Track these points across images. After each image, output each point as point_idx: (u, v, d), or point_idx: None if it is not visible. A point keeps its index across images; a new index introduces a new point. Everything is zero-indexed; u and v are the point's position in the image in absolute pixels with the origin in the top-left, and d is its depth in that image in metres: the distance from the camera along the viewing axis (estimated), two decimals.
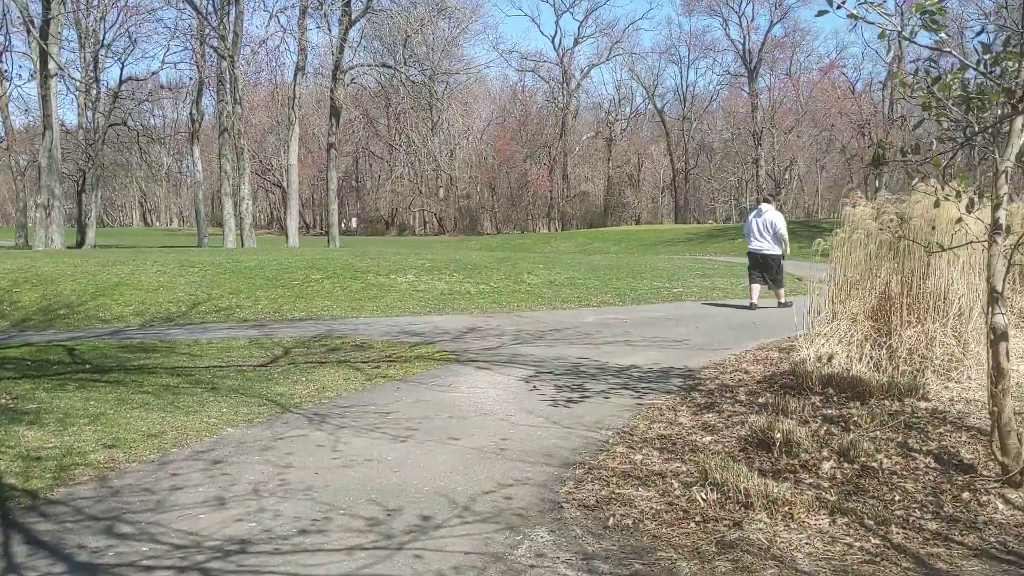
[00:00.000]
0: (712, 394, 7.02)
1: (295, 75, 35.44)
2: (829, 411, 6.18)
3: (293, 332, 11.20)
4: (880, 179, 64.15)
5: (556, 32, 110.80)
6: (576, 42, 68.92)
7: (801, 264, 15.48)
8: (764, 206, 13.76)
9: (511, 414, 6.50)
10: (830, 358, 7.53)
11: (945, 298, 7.42)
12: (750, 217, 14.01)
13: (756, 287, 13.62)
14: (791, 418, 5.81)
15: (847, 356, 7.53)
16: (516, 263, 18.49)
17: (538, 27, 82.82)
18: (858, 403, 6.38)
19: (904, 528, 3.98)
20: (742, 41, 67.04)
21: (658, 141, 73.76)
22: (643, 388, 7.39)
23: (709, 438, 5.59)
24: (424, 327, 11.62)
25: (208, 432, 6.06)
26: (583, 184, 71.46)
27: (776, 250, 13.40)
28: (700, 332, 10.86)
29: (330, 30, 34.83)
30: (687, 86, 77.98)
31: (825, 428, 5.59)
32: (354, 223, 74.15)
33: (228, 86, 32.82)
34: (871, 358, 7.47)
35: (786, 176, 67.83)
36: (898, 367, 7.28)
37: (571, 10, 73.46)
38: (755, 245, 13.52)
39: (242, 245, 32.22)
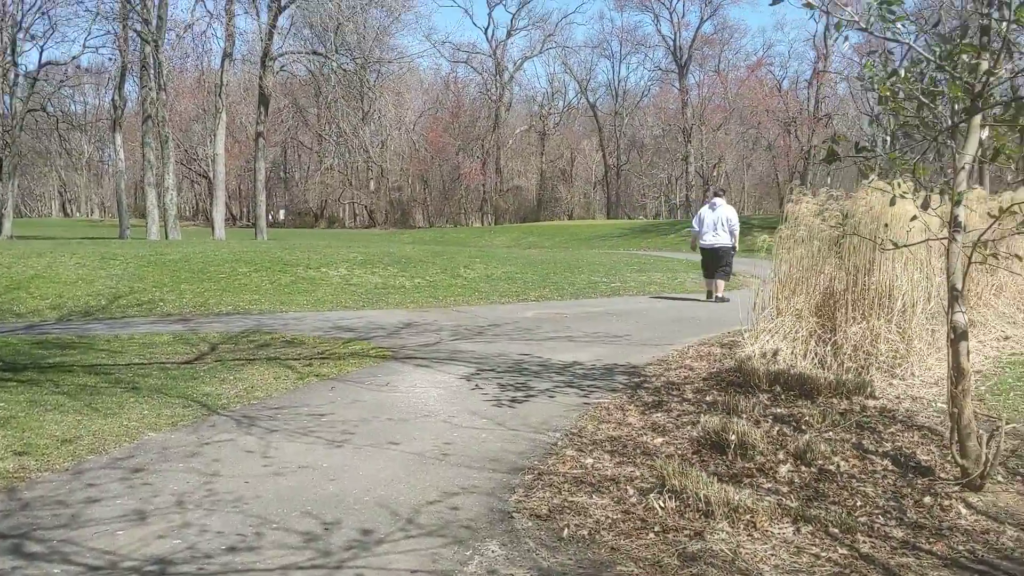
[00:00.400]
0: (659, 392, 6.84)
1: (222, 62, 34.40)
2: (779, 410, 6.04)
3: (220, 327, 10.73)
4: (806, 176, 65.60)
5: (489, 24, 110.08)
6: (509, 34, 68.67)
7: (739, 260, 15.50)
8: (718, 200, 13.58)
9: (454, 415, 6.21)
10: (775, 354, 7.43)
11: (890, 295, 7.37)
12: (702, 212, 13.78)
13: (712, 281, 13.57)
14: (742, 418, 5.65)
15: (792, 352, 7.44)
16: (452, 257, 18.18)
17: (471, 18, 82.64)
18: (807, 401, 6.26)
19: (870, 536, 3.82)
20: (673, 37, 67.60)
21: (590, 136, 73.96)
22: (588, 386, 7.18)
23: (660, 439, 5.39)
24: (358, 322, 11.25)
25: (128, 437, 5.64)
26: (516, 178, 71.27)
27: (730, 243, 13.30)
28: (641, 327, 10.72)
29: (259, 16, 33.87)
30: (619, 81, 78.48)
31: (777, 429, 5.45)
32: (282, 215, 72.72)
33: (152, 71, 31.68)
34: (816, 354, 7.39)
35: (714, 173, 68.68)
36: (843, 364, 7.21)
37: (504, 2, 73.30)
38: (711, 240, 13.36)
39: (166, 237, 31.19)
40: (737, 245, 13.53)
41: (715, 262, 13.43)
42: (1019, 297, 10.53)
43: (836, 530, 3.85)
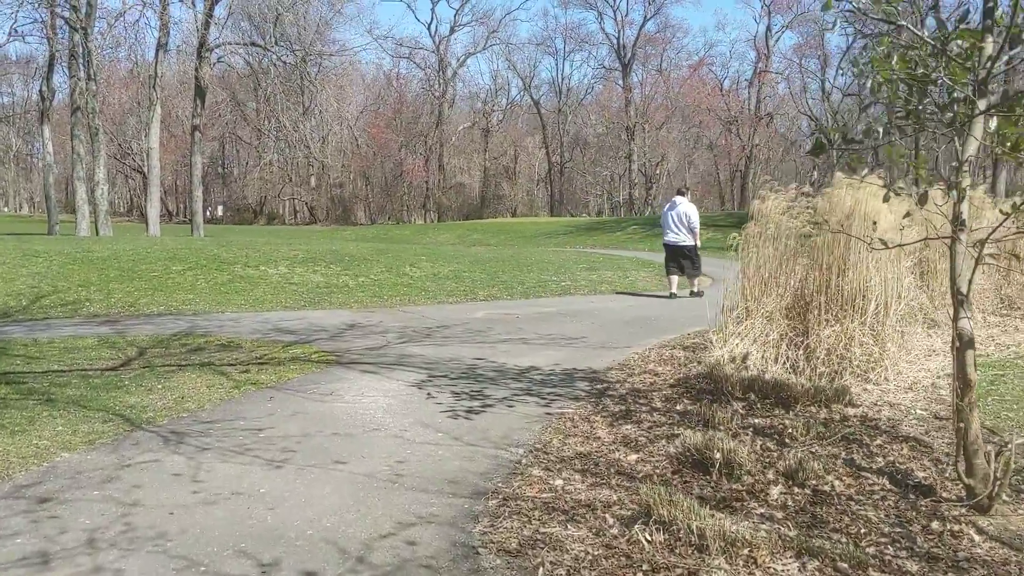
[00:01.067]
0: (625, 400, 6.38)
1: (156, 52, 33.13)
2: (756, 420, 5.64)
3: (150, 329, 10.02)
4: (747, 176, 66.11)
5: (432, 19, 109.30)
6: (452, 30, 67.93)
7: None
8: (678, 198, 13.77)
9: (405, 429, 5.67)
10: (744, 359, 7.04)
11: (864, 295, 7.03)
12: (665, 209, 14.01)
13: (675, 278, 13.66)
14: (720, 430, 5.23)
15: (762, 356, 7.07)
16: (397, 255, 17.57)
17: (413, 13, 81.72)
18: (784, 411, 5.87)
19: (883, 572, 3.39)
20: (616, 35, 67.56)
21: (534, 133, 73.57)
22: (549, 394, 6.69)
23: (634, 456, 4.92)
24: (298, 324, 10.62)
25: (37, 458, 4.99)
26: (459, 175, 70.56)
27: (691, 241, 13.44)
28: (597, 328, 10.28)
29: (194, 4, 32.70)
30: (563, 79, 78.31)
31: (760, 443, 5.03)
32: (220, 211, 71.05)
33: (81, 60, 30.38)
34: (787, 359, 7.02)
35: (657, 171, 68.92)
36: (816, 369, 6.85)
37: None
38: (671, 237, 13.54)
39: (97, 233, 29.96)
40: (699, 241, 13.58)
41: (676, 258, 13.59)
42: (980, 298, 10.36)
43: (845, 565, 3.41)
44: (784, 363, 6.98)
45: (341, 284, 14.30)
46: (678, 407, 6.10)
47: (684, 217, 13.39)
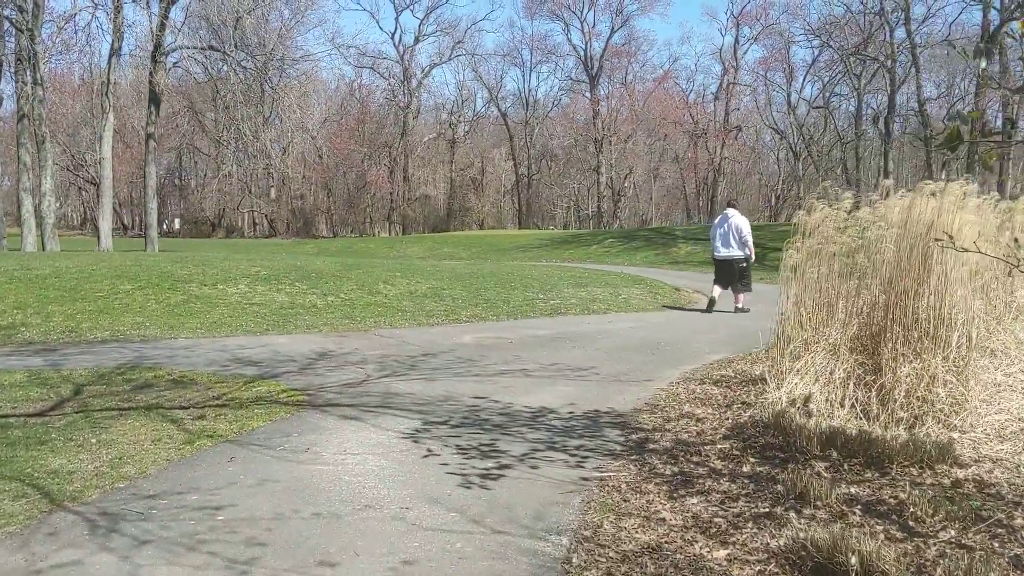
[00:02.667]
0: (675, 458, 5.16)
1: (109, 58, 31.49)
2: (853, 489, 4.45)
3: (91, 360, 8.64)
4: (716, 188, 65.62)
5: (396, 29, 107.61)
6: (417, 40, 66.60)
7: (683, 274, 14.17)
8: (730, 211, 13.47)
9: (407, 506, 4.38)
10: (806, 401, 5.87)
11: (947, 324, 5.89)
12: (715, 223, 13.70)
13: (718, 289, 13.35)
14: (817, 508, 4.04)
15: (827, 399, 5.90)
16: (368, 270, 16.22)
17: (377, 23, 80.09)
18: (878, 473, 4.70)
19: None
20: (584, 47, 66.79)
21: (501, 145, 72.46)
22: (576, 448, 5.45)
23: (723, 552, 3.70)
24: (262, 352, 9.29)
25: None
26: (425, 187, 69.17)
27: (741, 254, 13.13)
28: (605, 356, 9.06)
29: (148, 6, 31.08)
30: (529, 91, 77.40)
31: (883, 529, 3.83)
32: (177, 224, 69.03)
33: (28, 64, 28.67)
34: (857, 401, 5.86)
35: (625, 184, 68.18)
36: (893, 414, 5.70)
37: (411, 7, 71.13)
38: (724, 252, 13.27)
39: (43, 248, 28.21)
40: (752, 256, 13.28)
41: (728, 273, 13.28)
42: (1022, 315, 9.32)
43: None
44: (853, 407, 5.82)
45: (308, 304, 12.96)
46: (744, 468, 4.89)
47: (736, 230, 13.07)
